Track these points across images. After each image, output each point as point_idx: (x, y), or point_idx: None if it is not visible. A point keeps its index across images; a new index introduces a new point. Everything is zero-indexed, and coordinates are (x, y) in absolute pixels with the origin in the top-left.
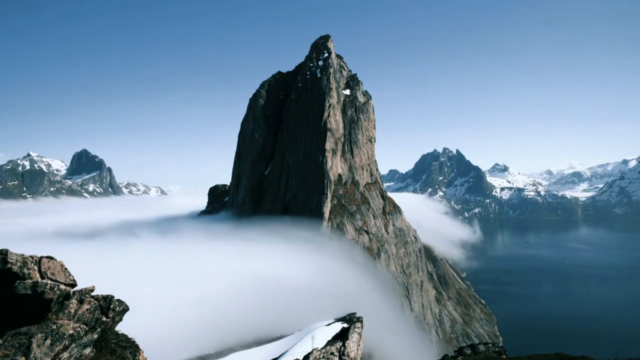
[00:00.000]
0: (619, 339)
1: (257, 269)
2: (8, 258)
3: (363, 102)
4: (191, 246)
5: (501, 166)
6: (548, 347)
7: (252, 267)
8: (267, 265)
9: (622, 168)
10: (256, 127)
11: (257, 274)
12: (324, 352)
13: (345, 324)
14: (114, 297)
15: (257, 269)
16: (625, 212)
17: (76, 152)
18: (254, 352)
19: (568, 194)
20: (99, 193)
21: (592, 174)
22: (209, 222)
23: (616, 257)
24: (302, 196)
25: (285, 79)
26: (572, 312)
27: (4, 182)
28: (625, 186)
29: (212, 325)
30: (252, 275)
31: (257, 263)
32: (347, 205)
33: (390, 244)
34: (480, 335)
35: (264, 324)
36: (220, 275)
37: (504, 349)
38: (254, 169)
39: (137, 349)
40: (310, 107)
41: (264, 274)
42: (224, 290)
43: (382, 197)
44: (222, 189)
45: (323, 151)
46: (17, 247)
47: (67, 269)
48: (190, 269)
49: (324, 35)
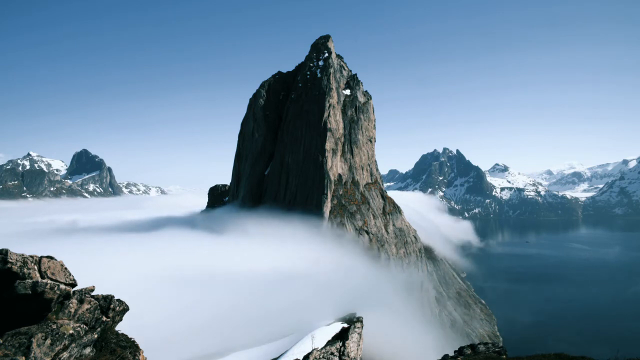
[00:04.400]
0: (619, 339)
1: (257, 269)
2: (8, 258)
3: (363, 102)
4: (190, 246)
5: (501, 166)
6: (548, 347)
7: (251, 267)
8: (267, 265)
9: (622, 168)
10: (256, 127)
11: (256, 274)
12: (324, 352)
13: (345, 324)
14: (114, 297)
15: (257, 269)
16: (625, 212)
17: (76, 152)
18: (254, 352)
19: (568, 194)
20: (99, 193)
21: (592, 174)
22: (209, 222)
23: (616, 257)
24: (302, 196)
25: (285, 79)
26: (572, 312)
27: (4, 182)
28: (625, 186)
29: (212, 325)
30: (251, 275)
31: (257, 263)
32: (347, 205)
33: (390, 244)
34: (480, 335)
35: (264, 324)
36: (220, 275)
37: (504, 349)
38: (254, 169)
39: (137, 349)
40: (311, 107)
41: (264, 274)
42: (224, 290)
43: (382, 197)
44: (222, 189)
45: (323, 151)
46: (17, 247)
47: (67, 269)
48: (190, 269)
49: (324, 35)
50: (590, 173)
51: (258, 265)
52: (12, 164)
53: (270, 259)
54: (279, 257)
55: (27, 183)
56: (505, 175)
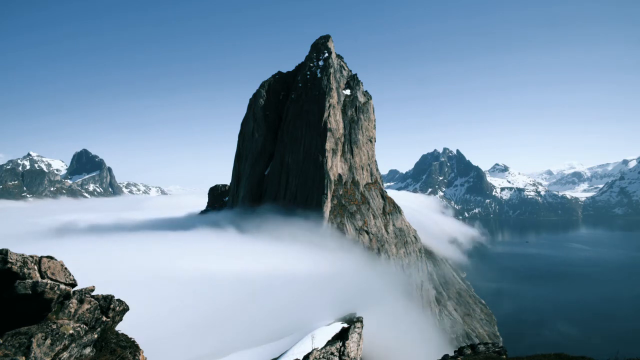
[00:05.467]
0: (619, 339)
1: (257, 269)
2: (8, 258)
3: (363, 102)
4: (191, 246)
5: (501, 166)
6: (548, 347)
7: (251, 267)
8: (267, 265)
9: (622, 168)
10: (256, 127)
11: (256, 273)
12: (324, 352)
13: (345, 324)
14: (114, 297)
15: (257, 269)
16: (625, 212)
17: (76, 152)
18: (254, 352)
19: (568, 194)
20: (99, 193)
21: (592, 174)
22: (209, 222)
23: (616, 257)
24: (302, 196)
25: (285, 79)
26: (572, 312)
27: (4, 182)
28: (625, 186)
29: (212, 324)
30: (252, 275)
31: (257, 263)
32: (347, 205)
33: (390, 244)
34: (480, 335)
35: (264, 324)
36: (220, 274)
37: (504, 349)
38: (254, 169)
39: (137, 349)
40: (311, 107)
41: (264, 273)
42: (224, 290)
43: (382, 197)
44: (222, 189)
45: (323, 151)
46: (17, 247)
47: (67, 269)
48: (190, 269)
49: (324, 35)
50: (590, 173)
51: (258, 265)
52: (12, 164)
53: (270, 259)
54: (279, 257)
55: (27, 183)
56: (505, 175)
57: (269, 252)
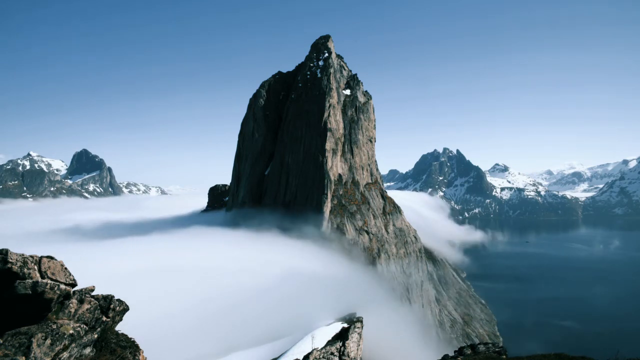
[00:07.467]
0: (619, 339)
1: (257, 269)
2: (8, 258)
3: (363, 102)
4: (191, 246)
5: (501, 166)
6: (548, 347)
7: (251, 267)
8: (267, 265)
9: (622, 168)
10: (256, 127)
11: (256, 273)
12: (324, 352)
13: (345, 324)
14: (114, 297)
15: (257, 269)
16: (625, 212)
17: (76, 152)
18: (254, 352)
19: (568, 194)
20: (99, 193)
21: (592, 174)
22: (209, 222)
23: (616, 257)
24: (302, 196)
25: (285, 79)
26: (572, 312)
27: (4, 182)
28: (626, 186)
29: (212, 325)
30: (251, 275)
31: (257, 263)
32: (347, 205)
33: (390, 244)
34: (480, 336)
35: (264, 324)
36: (220, 274)
37: (504, 349)
38: (254, 169)
39: (137, 349)
40: (311, 107)
41: (264, 273)
42: (224, 290)
43: (382, 197)
44: (222, 189)
45: (323, 151)
46: (17, 247)
47: (67, 269)
48: (190, 269)
49: (324, 35)
50: (590, 173)
51: (258, 266)
52: (12, 164)
53: (270, 259)
54: (279, 257)
55: (27, 183)
56: (505, 175)
57: (269, 252)
